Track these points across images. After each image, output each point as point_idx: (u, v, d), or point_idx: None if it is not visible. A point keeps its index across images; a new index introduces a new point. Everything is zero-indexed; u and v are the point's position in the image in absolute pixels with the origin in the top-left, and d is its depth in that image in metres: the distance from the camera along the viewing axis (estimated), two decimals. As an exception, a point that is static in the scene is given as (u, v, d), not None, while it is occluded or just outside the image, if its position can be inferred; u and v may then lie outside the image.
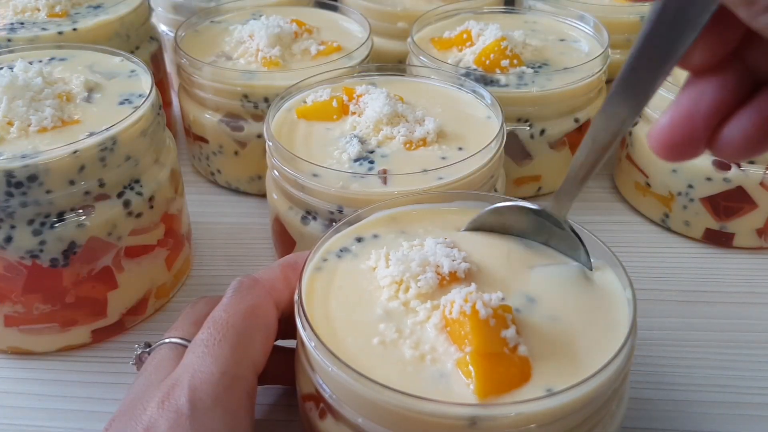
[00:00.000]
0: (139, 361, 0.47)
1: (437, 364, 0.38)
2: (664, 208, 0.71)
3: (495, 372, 0.37)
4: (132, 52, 0.77)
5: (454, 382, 0.37)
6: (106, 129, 0.53)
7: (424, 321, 0.40)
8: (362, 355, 0.39)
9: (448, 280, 0.43)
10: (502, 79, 0.69)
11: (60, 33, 0.73)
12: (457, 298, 0.39)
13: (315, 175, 0.56)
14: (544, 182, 0.76)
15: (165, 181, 0.60)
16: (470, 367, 0.37)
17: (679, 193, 0.69)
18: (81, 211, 0.54)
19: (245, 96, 0.71)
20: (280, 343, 0.47)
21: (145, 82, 0.62)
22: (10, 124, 0.54)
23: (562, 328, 0.41)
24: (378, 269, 0.44)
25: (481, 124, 0.63)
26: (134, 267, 0.58)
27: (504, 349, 0.38)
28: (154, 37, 0.85)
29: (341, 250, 0.47)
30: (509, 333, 0.38)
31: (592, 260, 0.45)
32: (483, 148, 0.57)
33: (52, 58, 0.65)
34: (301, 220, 0.59)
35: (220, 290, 0.45)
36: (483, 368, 0.37)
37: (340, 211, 0.56)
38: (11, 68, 0.58)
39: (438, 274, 0.43)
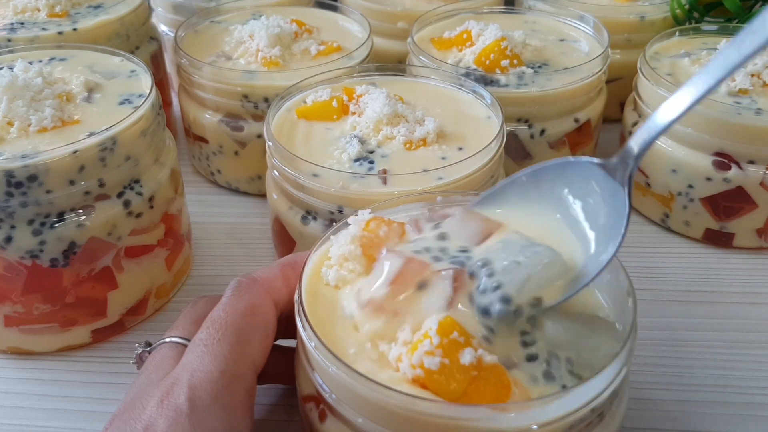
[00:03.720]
0: (140, 360, 0.47)
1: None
2: (664, 208, 0.71)
3: (482, 397, 0.36)
4: (132, 52, 0.77)
5: None
6: (106, 129, 0.53)
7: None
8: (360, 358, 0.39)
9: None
10: (502, 79, 0.69)
11: (60, 33, 0.73)
12: (404, 359, 0.37)
13: (315, 175, 0.56)
14: (544, 182, 0.76)
15: (165, 181, 0.60)
16: None
17: (679, 193, 0.69)
18: (81, 211, 0.54)
19: (245, 96, 0.71)
20: (281, 342, 0.47)
21: (145, 82, 0.62)
22: (10, 124, 0.54)
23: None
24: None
25: (481, 124, 0.63)
26: (134, 267, 0.58)
27: (472, 374, 0.36)
28: (154, 37, 0.85)
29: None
30: (467, 357, 0.36)
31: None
32: (483, 148, 0.57)
33: (52, 58, 0.65)
34: (301, 220, 0.59)
35: (220, 290, 0.45)
36: (472, 401, 0.36)
37: (340, 211, 0.56)
38: (11, 68, 0.58)
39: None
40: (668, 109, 0.39)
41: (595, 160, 0.42)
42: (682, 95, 0.38)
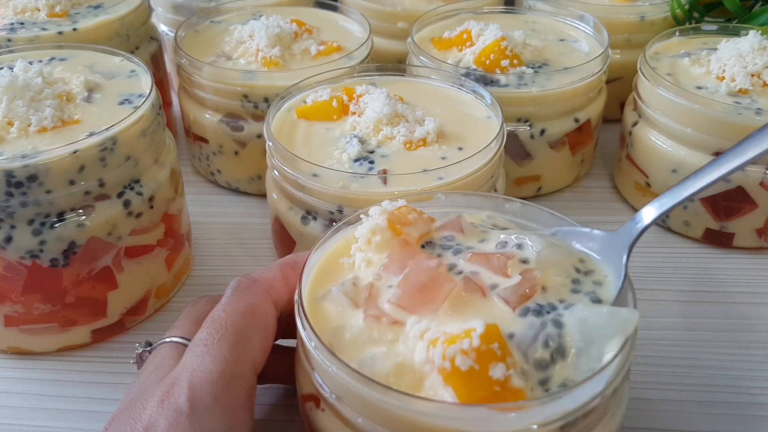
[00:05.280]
0: (140, 360, 0.47)
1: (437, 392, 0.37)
2: (664, 208, 0.71)
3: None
4: (132, 52, 0.77)
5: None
6: (106, 129, 0.53)
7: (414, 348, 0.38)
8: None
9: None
10: (502, 79, 0.69)
11: (60, 33, 0.73)
12: (436, 355, 0.36)
13: (315, 175, 0.56)
14: (544, 182, 0.76)
15: (165, 181, 0.60)
16: None
17: (679, 193, 0.69)
18: (81, 211, 0.54)
19: (245, 96, 0.71)
20: (281, 342, 0.47)
21: (145, 82, 0.62)
22: (10, 124, 0.54)
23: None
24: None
25: (481, 124, 0.63)
26: (134, 267, 0.58)
27: (495, 389, 0.35)
28: (154, 37, 0.85)
29: None
30: (497, 372, 0.35)
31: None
32: (483, 148, 0.57)
33: (52, 58, 0.65)
34: (301, 220, 0.59)
35: (220, 290, 0.45)
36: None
37: (340, 211, 0.56)
38: (11, 68, 0.58)
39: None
40: (688, 184, 0.45)
41: (595, 231, 0.46)
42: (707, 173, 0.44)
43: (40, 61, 0.64)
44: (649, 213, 0.46)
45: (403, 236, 0.44)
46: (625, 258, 0.45)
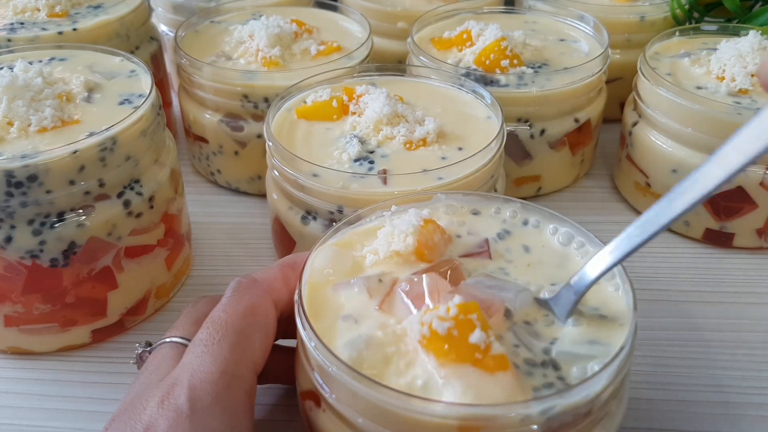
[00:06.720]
0: (140, 360, 0.47)
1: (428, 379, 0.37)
2: (664, 208, 0.71)
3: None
4: (132, 52, 0.77)
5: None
6: (106, 129, 0.53)
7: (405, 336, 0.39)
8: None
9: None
10: (502, 79, 0.69)
11: (60, 33, 0.73)
12: (414, 323, 0.38)
13: (315, 175, 0.56)
14: (543, 182, 0.76)
15: (165, 181, 0.60)
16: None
17: (679, 193, 0.69)
18: (81, 211, 0.54)
19: (245, 96, 0.71)
20: (281, 342, 0.47)
21: (145, 82, 0.62)
22: (10, 124, 0.54)
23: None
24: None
25: (481, 124, 0.63)
26: (134, 267, 0.58)
27: (476, 355, 0.36)
28: (154, 37, 0.85)
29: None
30: (476, 337, 0.37)
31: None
32: (483, 148, 0.57)
33: (52, 58, 0.65)
34: (301, 220, 0.59)
35: (220, 290, 0.45)
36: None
37: (340, 211, 0.56)
38: (11, 68, 0.58)
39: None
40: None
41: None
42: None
43: (40, 61, 0.64)
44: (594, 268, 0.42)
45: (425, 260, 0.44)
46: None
